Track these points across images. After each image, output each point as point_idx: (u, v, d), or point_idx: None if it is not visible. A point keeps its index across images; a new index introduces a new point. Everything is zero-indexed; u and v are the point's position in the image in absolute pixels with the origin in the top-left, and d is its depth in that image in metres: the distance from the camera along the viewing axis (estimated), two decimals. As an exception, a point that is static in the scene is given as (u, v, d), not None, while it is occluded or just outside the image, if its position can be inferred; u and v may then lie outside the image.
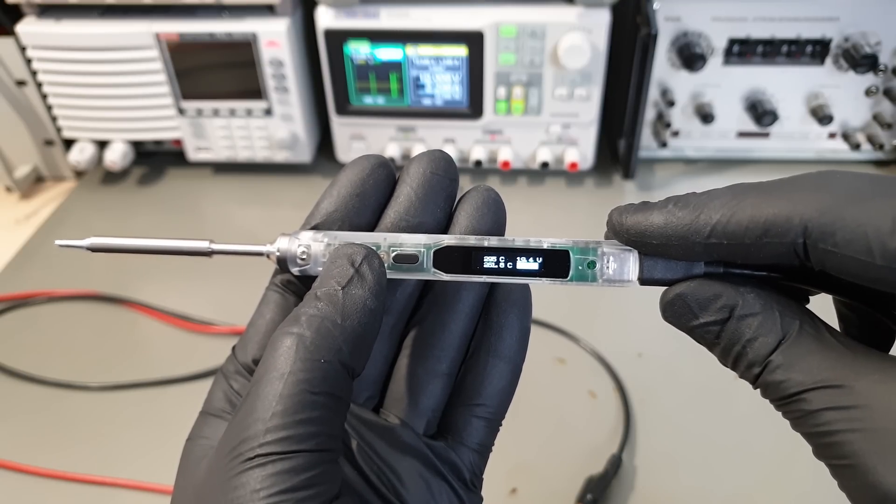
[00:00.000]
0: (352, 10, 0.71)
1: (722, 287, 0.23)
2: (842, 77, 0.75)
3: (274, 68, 0.73)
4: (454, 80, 0.73)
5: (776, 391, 0.22)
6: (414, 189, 0.26)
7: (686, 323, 0.23)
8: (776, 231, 0.21)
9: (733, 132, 0.80)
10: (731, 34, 0.73)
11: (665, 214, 0.23)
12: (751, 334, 0.22)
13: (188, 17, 0.72)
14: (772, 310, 0.22)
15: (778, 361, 0.22)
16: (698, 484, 0.52)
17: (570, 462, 0.54)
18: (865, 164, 0.81)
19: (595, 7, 0.68)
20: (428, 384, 0.27)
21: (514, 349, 0.27)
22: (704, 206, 0.23)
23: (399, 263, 0.25)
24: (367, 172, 0.27)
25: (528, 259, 0.25)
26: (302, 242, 0.26)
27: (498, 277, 0.25)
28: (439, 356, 0.27)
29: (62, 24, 0.73)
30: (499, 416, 0.27)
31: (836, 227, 0.20)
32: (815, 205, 0.21)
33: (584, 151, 0.78)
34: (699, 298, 0.23)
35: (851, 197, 0.21)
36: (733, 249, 0.22)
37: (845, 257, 0.20)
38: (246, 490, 0.20)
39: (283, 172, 0.83)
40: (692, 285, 0.23)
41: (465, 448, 0.27)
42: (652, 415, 0.57)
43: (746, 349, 0.22)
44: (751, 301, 0.22)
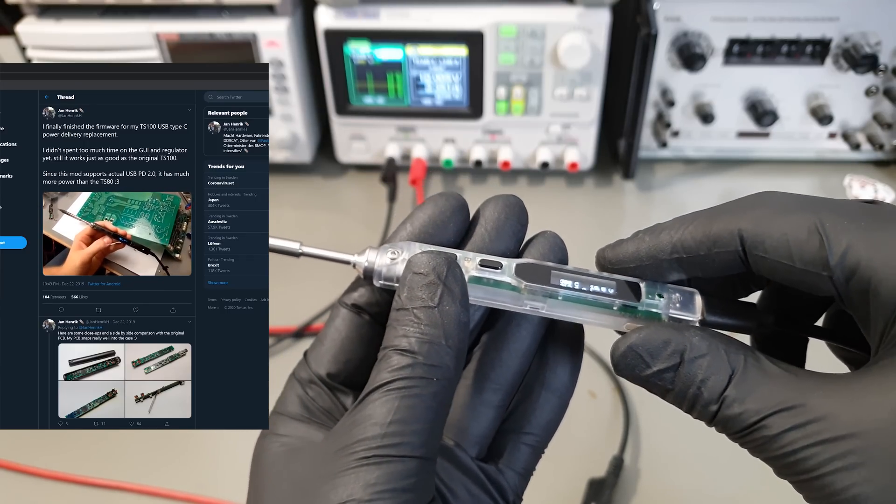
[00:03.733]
0: (352, 11, 0.71)
1: (669, 332, 0.25)
2: (842, 77, 0.75)
3: (274, 68, 0.73)
4: (454, 80, 0.73)
5: (736, 424, 0.23)
6: (488, 231, 0.29)
7: (640, 373, 0.25)
8: (722, 242, 0.25)
9: (733, 132, 0.80)
10: (731, 34, 0.73)
11: (636, 242, 0.27)
12: (703, 375, 0.24)
13: (188, 17, 0.72)
14: (718, 349, 0.24)
15: (733, 396, 0.23)
16: (700, 484, 0.52)
17: (569, 462, 0.54)
18: (865, 163, 0.81)
19: (595, 7, 0.69)
20: (483, 414, 0.28)
21: (566, 384, 0.29)
22: (664, 229, 0.26)
23: (484, 268, 0.27)
24: (446, 213, 0.29)
25: (602, 287, 0.27)
26: (385, 261, 0.27)
27: (572, 292, 0.27)
28: (496, 389, 0.28)
29: (62, 24, 0.73)
30: (544, 444, 0.29)
31: (764, 236, 0.24)
32: (750, 218, 0.25)
33: (584, 151, 0.78)
34: (650, 347, 0.25)
35: (779, 211, 0.24)
36: (693, 261, 0.26)
37: (772, 262, 0.24)
38: (359, 483, 0.23)
39: (283, 172, 0.83)
40: (641, 336, 0.25)
41: (511, 472, 0.29)
42: (652, 415, 0.57)
43: (701, 389, 0.24)
44: (697, 343, 0.24)
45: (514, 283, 0.27)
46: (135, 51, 0.73)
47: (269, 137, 0.78)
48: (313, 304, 0.66)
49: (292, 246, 0.28)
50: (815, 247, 0.23)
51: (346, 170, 0.84)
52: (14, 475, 0.54)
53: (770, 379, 0.23)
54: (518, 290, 0.27)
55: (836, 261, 0.23)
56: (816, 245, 0.23)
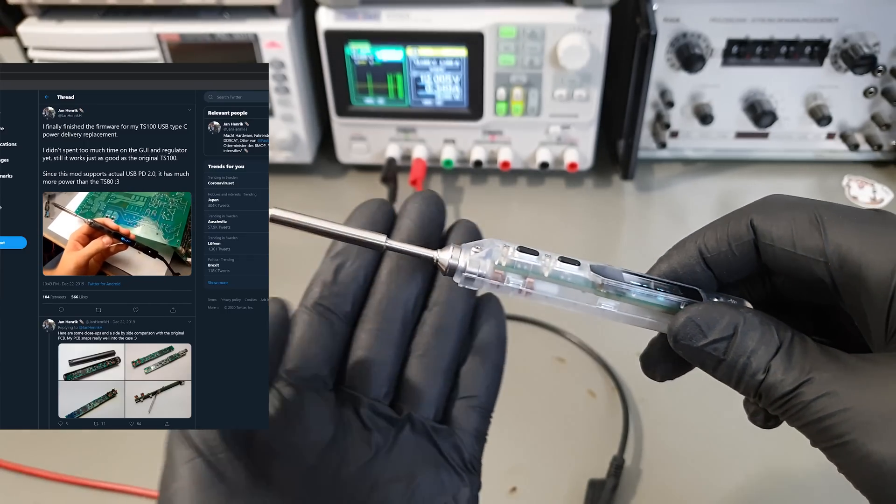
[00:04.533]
0: (352, 12, 0.71)
1: (725, 309, 0.27)
2: (840, 78, 0.75)
3: (275, 69, 0.73)
4: (454, 81, 0.74)
5: (777, 390, 0.25)
6: (413, 221, 0.32)
7: (696, 343, 0.27)
8: (738, 235, 0.28)
9: (732, 133, 0.80)
10: (730, 35, 0.73)
11: (667, 260, 0.30)
12: (753, 346, 0.26)
13: (189, 18, 0.72)
14: (768, 324, 0.26)
15: (777, 364, 0.25)
16: (700, 483, 0.53)
17: (569, 461, 0.54)
18: (864, 164, 0.82)
19: (594, 8, 0.69)
20: (433, 378, 0.32)
21: (497, 352, 0.33)
22: (687, 239, 0.30)
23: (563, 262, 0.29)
24: (375, 209, 0.32)
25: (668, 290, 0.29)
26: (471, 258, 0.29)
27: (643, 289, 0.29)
28: (442, 355, 0.32)
29: (64, 25, 0.73)
30: (489, 405, 0.33)
31: (772, 227, 0.27)
32: (760, 212, 0.28)
33: (583, 152, 0.78)
34: (707, 320, 0.27)
35: (785, 206, 0.27)
36: (718, 260, 0.29)
37: (778, 249, 0.27)
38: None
39: (284, 172, 0.83)
40: (699, 308, 0.27)
41: (464, 432, 0.32)
42: (653, 414, 0.57)
43: (751, 359, 0.26)
44: (750, 318, 0.26)
45: (591, 280, 0.29)
46: (136, 52, 0.73)
47: (271, 138, 0.78)
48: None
49: (378, 239, 0.29)
50: (814, 235, 0.26)
51: (346, 170, 0.85)
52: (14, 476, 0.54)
53: (811, 352, 0.25)
54: (594, 287, 0.29)
55: (832, 248, 0.26)
56: (815, 234, 0.26)
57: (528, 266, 0.29)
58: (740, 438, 0.55)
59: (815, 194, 0.79)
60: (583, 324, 0.64)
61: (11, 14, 0.74)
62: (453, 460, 0.31)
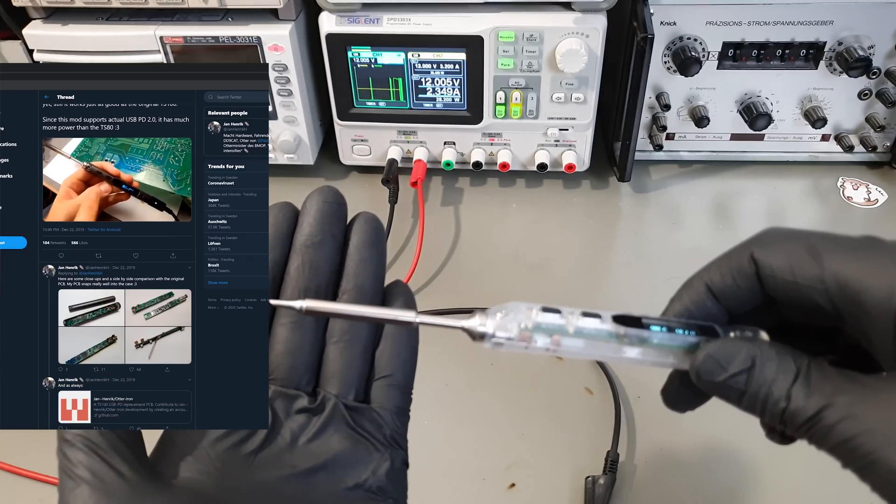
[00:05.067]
0: (354, 16, 0.72)
1: (742, 343, 0.28)
2: (835, 80, 0.76)
3: (278, 72, 0.74)
4: (454, 85, 0.75)
5: (800, 416, 0.26)
6: (315, 218, 0.34)
7: (717, 378, 0.28)
8: (741, 268, 0.29)
9: (727, 135, 0.81)
10: (726, 38, 0.74)
11: (678, 301, 0.31)
12: (773, 375, 0.27)
13: (193, 21, 0.73)
14: (784, 354, 0.27)
15: (798, 391, 0.26)
16: (696, 479, 0.54)
17: (567, 458, 0.55)
18: (858, 165, 0.83)
19: (591, 12, 0.70)
20: (351, 362, 0.33)
21: (410, 331, 0.34)
22: (694, 277, 0.31)
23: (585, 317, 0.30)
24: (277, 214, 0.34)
25: (685, 331, 0.30)
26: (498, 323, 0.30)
27: (664, 334, 0.30)
28: (357, 339, 0.33)
29: (68, 28, 0.74)
30: (407, 383, 0.34)
31: (771, 258, 0.28)
32: (760, 245, 0.29)
33: (580, 154, 0.79)
34: (725, 355, 0.28)
35: (783, 238, 0.29)
36: (726, 295, 0.30)
37: (778, 279, 0.28)
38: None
39: (287, 174, 0.84)
40: (717, 345, 0.28)
41: (384, 409, 0.33)
42: (648, 411, 0.58)
43: (772, 388, 0.27)
44: (767, 350, 0.28)
45: (613, 331, 0.30)
46: (140, 54, 0.74)
47: (274, 140, 0.79)
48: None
49: (408, 317, 0.30)
50: (811, 264, 0.27)
51: (348, 171, 0.86)
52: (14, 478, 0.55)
53: (829, 376, 0.26)
54: (617, 338, 0.30)
55: (829, 275, 0.27)
56: (812, 263, 0.27)
57: (553, 325, 0.30)
58: (738, 437, 0.56)
59: (811, 195, 0.80)
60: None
61: (17, 17, 0.75)
62: (373, 436, 0.32)
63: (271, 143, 0.80)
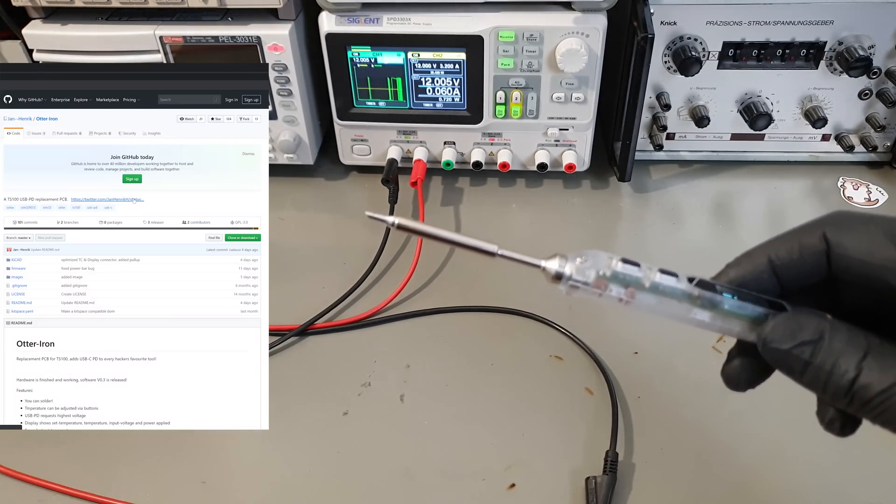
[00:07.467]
0: (354, 16, 0.72)
1: (813, 316, 0.29)
2: (836, 80, 0.76)
3: (277, 72, 0.74)
4: (454, 84, 0.75)
5: (871, 390, 0.26)
6: None
7: (784, 345, 0.28)
8: (809, 244, 0.29)
9: (728, 134, 0.81)
10: (726, 38, 0.74)
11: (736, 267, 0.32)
12: (841, 348, 0.27)
13: (192, 20, 0.73)
14: (854, 330, 0.28)
15: (870, 365, 0.26)
16: (697, 481, 0.53)
17: (567, 458, 0.55)
18: (859, 165, 0.83)
19: (592, 12, 0.70)
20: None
21: None
22: (757, 248, 0.31)
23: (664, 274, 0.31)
24: None
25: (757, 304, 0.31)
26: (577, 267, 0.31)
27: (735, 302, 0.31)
28: None
29: (68, 28, 0.74)
30: None
31: (845, 238, 0.29)
32: (833, 225, 0.29)
33: (580, 154, 0.79)
34: (795, 324, 0.28)
35: (857, 220, 0.29)
36: (786, 267, 0.30)
37: (852, 259, 0.28)
38: None
39: (286, 174, 0.84)
40: (788, 315, 0.29)
41: None
42: (649, 411, 0.58)
43: (839, 360, 0.27)
44: (837, 324, 0.28)
45: (688, 291, 0.31)
46: (140, 54, 0.74)
47: (273, 140, 0.79)
48: (316, 303, 0.67)
49: (490, 248, 0.32)
50: (889, 247, 0.28)
51: (348, 171, 0.86)
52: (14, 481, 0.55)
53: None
54: (690, 298, 0.31)
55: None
56: (890, 246, 0.28)
57: (630, 277, 0.31)
58: (737, 436, 0.56)
59: (811, 195, 0.80)
60: (581, 322, 0.65)
61: (16, 16, 0.75)
62: None
63: (271, 142, 0.80)
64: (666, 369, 0.61)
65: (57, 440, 0.56)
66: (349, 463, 0.56)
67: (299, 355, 0.64)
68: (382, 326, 0.67)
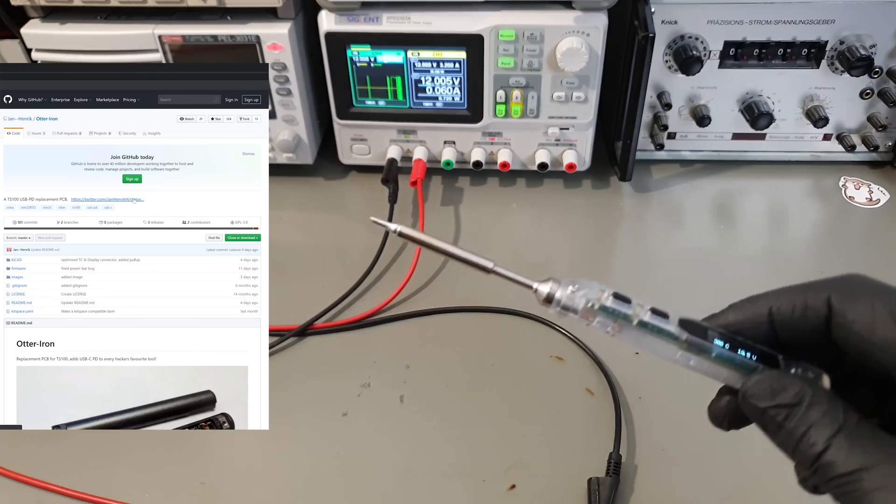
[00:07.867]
0: (353, 15, 0.72)
1: (798, 380, 0.28)
2: (837, 79, 0.76)
3: (277, 71, 0.74)
4: (454, 84, 0.74)
5: (834, 469, 0.25)
6: None
7: (761, 403, 0.28)
8: (812, 307, 0.29)
9: (729, 134, 0.81)
10: (727, 37, 0.74)
11: (737, 310, 0.31)
12: (816, 419, 0.26)
13: (191, 20, 0.73)
14: (835, 402, 0.27)
15: (840, 443, 0.26)
16: (699, 482, 0.53)
17: (568, 459, 0.55)
18: (860, 165, 0.82)
19: (592, 11, 0.69)
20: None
21: None
22: (761, 297, 0.31)
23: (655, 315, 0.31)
24: None
25: (746, 353, 0.30)
26: (567, 294, 0.31)
27: (723, 352, 0.31)
28: None
29: (66, 27, 0.74)
30: None
31: (849, 308, 0.28)
32: (840, 290, 0.28)
33: (581, 153, 0.79)
34: (777, 385, 0.28)
35: (867, 291, 0.28)
36: (786, 324, 0.29)
37: (852, 332, 0.27)
38: None
39: (286, 174, 0.84)
40: (773, 374, 0.28)
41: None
42: (650, 412, 0.58)
43: (811, 431, 0.26)
44: (818, 393, 0.27)
45: (676, 334, 0.31)
46: (138, 53, 0.74)
47: (273, 139, 0.79)
48: (316, 303, 0.67)
49: (486, 264, 0.32)
50: (893, 325, 0.26)
51: (348, 171, 0.85)
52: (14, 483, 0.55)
53: (878, 439, 0.26)
54: (678, 341, 0.31)
55: None
56: (893, 324, 0.26)
57: (619, 312, 0.31)
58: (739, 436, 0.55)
59: (812, 195, 0.80)
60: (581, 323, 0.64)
61: (14, 16, 0.75)
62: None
63: (270, 142, 0.80)
64: (667, 370, 0.61)
65: (56, 441, 0.56)
66: (349, 464, 0.55)
67: (299, 355, 0.64)
68: (382, 327, 0.67)
